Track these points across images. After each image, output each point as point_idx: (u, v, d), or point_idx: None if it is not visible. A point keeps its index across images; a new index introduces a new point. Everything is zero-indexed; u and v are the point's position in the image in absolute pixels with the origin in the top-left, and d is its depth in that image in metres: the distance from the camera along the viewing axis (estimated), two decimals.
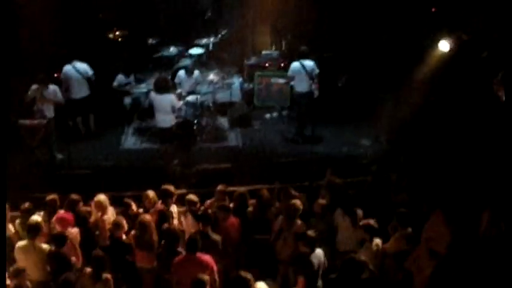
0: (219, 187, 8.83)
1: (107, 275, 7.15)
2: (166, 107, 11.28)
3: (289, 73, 12.30)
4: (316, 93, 12.09)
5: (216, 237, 7.79)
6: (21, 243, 7.73)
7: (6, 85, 11.65)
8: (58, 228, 8.11)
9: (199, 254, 7.19)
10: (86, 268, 7.44)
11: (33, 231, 7.66)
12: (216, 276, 7.22)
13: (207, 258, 7.21)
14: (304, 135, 12.34)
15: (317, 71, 12.05)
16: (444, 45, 10.60)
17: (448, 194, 8.52)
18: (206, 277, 6.65)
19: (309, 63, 12.03)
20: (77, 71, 11.97)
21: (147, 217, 8.00)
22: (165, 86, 11.44)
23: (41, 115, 11.11)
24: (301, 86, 12.12)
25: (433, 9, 11.05)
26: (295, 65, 12.08)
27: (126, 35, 14.46)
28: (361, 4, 12.31)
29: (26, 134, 10.99)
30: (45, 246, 7.72)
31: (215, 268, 7.22)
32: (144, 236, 7.85)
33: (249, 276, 6.45)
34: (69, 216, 8.30)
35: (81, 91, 12.05)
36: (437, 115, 10.77)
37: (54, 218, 8.32)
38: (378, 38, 12.11)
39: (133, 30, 14.64)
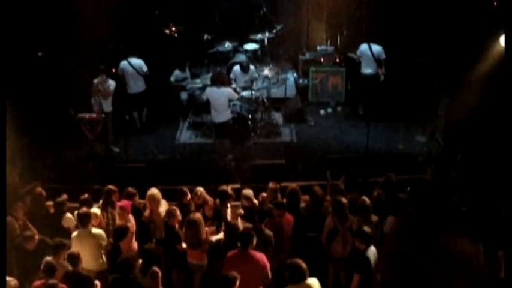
0: (270, 185, 8.79)
1: (156, 269, 7.21)
2: (223, 102, 11.27)
3: (357, 53, 12.66)
4: (382, 77, 12.35)
5: (269, 233, 7.77)
6: (75, 232, 7.92)
7: (66, 79, 11.99)
8: (119, 216, 8.25)
9: (251, 250, 7.16)
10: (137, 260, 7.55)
11: (83, 219, 7.84)
12: (269, 273, 7.18)
13: (259, 255, 7.17)
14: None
15: (384, 56, 12.30)
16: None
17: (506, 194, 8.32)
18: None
19: (376, 47, 12.30)
20: (132, 66, 12.16)
21: (197, 215, 8.01)
22: (221, 80, 11.48)
23: (99, 109, 11.34)
24: (368, 68, 12.47)
25: (495, 3, 10.70)
26: (363, 46, 12.46)
27: (181, 31, 14.59)
28: (424, 4, 12.08)
29: (84, 127, 11.23)
30: (98, 231, 7.90)
31: (267, 265, 7.18)
32: (193, 234, 7.84)
33: (304, 266, 6.44)
34: (129, 204, 8.48)
35: (137, 86, 12.26)
36: (495, 113, 10.46)
37: (116, 206, 8.48)
38: (436, 33, 11.84)
39: (189, 26, 14.75)
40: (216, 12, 15.36)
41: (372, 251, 7.32)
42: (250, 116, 11.99)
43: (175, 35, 14.51)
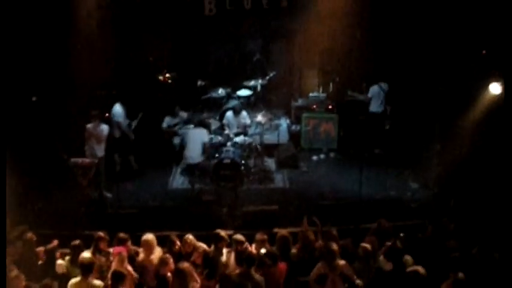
0: (258, 236, 8.74)
1: None
2: (199, 143, 11.70)
3: (369, 95, 13.04)
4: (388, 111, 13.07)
5: (259, 278, 7.70)
6: (74, 280, 7.79)
7: (59, 124, 12.02)
8: (117, 263, 8.18)
9: None
10: None
11: (86, 268, 7.74)
12: None
13: None
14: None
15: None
16: (495, 88, 10.43)
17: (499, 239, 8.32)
18: None
19: (385, 85, 12.89)
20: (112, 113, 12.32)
21: (185, 264, 7.93)
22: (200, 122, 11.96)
23: (92, 154, 11.34)
24: (377, 106, 12.99)
25: (483, 52, 10.89)
26: (375, 88, 12.95)
27: (175, 77, 14.72)
28: (409, 49, 12.28)
29: (77, 173, 11.20)
30: (98, 283, 7.78)
31: None
32: (180, 284, 7.69)
33: None
34: (126, 250, 8.40)
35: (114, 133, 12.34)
36: (488, 159, 10.53)
37: (106, 253, 8.39)
38: (427, 82, 12.01)
39: (183, 72, 14.90)
40: (210, 58, 15.54)
41: None
42: (243, 161, 12.00)
43: (169, 81, 14.63)
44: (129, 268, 8.19)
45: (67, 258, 8.51)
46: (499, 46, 10.15)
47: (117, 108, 12.32)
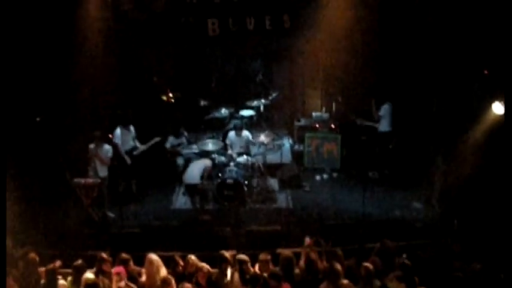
0: (262, 256, 8.71)
1: None
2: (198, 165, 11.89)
3: (380, 113, 12.99)
4: None
5: None
6: None
7: (63, 144, 12.04)
8: (115, 282, 8.14)
9: None
10: None
11: None
12: None
13: None
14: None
15: None
16: (498, 108, 10.44)
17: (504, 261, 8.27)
18: None
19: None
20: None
21: (186, 286, 7.88)
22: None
23: (95, 174, 11.35)
24: (387, 125, 12.98)
25: (486, 72, 10.92)
26: (386, 107, 12.92)
27: (179, 97, 14.77)
28: (411, 69, 12.33)
29: (80, 193, 11.21)
30: None
31: None
32: None
33: None
34: (124, 271, 8.37)
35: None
36: (491, 179, 10.51)
37: (108, 274, 8.37)
38: (430, 101, 12.04)
39: (186, 92, 14.95)
40: (213, 78, 15.61)
41: None
42: (246, 181, 12.00)
43: (173, 101, 14.68)
44: (131, 286, 8.17)
45: (69, 279, 8.47)
46: (501, 66, 10.16)
47: (117, 131, 12.22)
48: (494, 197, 10.13)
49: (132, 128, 12.35)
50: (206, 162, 12.04)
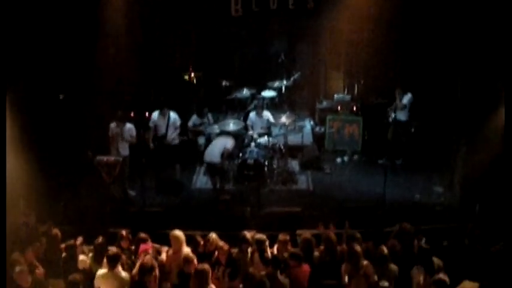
0: (281, 236, 8.75)
1: None
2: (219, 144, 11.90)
3: (404, 101, 12.68)
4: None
5: (284, 280, 7.71)
6: (101, 272, 7.95)
7: (85, 122, 12.15)
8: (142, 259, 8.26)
9: None
10: None
11: (113, 260, 7.88)
12: None
13: None
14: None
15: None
16: None
17: None
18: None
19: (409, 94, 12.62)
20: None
21: (205, 266, 7.94)
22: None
23: (116, 153, 11.44)
24: (406, 115, 12.77)
25: None
26: (409, 96, 12.67)
27: (200, 77, 14.78)
28: (436, 49, 12.16)
29: (102, 170, 11.31)
30: (124, 274, 7.90)
31: None
32: (199, 284, 7.68)
33: None
34: (150, 248, 8.54)
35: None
36: None
37: (139, 251, 8.53)
38: (455, 83, 11.90)
39: (208, 72, 14.96)
40: (235, 59, 15.58)
41: None
42: (266, 162, 12.02)
43: (195, 80, 14.70)
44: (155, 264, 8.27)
45: (90, 255, 8.61)
46: None
47: (154, 115, 12.15)
48: None
49: (172, 113, 12.18)
50: (228, 141, 12.07)
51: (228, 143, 12.04)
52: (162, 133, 12.05)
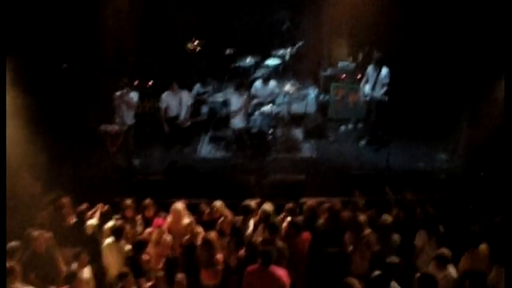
0: (288, 205, 8.78)
1: (181, 276, 7.39)
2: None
3: (385, 79, 12.08)
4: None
5: (282, 245, 7.78)
6: (107, 241, 8.14)
7: (89, 91, 12.12)
8: (155, 235, 8.37)
9: (273, 267, 7.18)
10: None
11: (117, 233, 8.10)
12: None
13: (280, 272, 7.19)
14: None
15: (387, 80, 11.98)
16: None
17: None
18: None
19: (384, 70, 12.01)
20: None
21: (211, 235, 8.01)
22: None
23: (121, 121, 11.43)
24: (382, 92, 12.06)
25: None
26: (387, 71, 12.05)
27: (204, 45, 14.68)
28: (444, 19, 12.04)
29: (106, 140, 11.32)
30: (128, 247, 8.07)
31: (288, 283, 7.18)
32: (207, 254, 7.83)
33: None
34: (164, 223, 8.62)
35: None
36: None
37: (153, 225, 8.65)
38: (460, 50, 11.80)
39: (211, 41, 14.85)
40: (238, 27, 15.46)
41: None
42: (270, 131, 12.01)
43: (197, 49, 14.60)
44: (168, 239, 8.34)
45: (95, 223, 8.70)
46: None
47: (163, 96, 12.00)
48: None
49: (184, 94, 12.09)
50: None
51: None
52: (174, 114, 11.89)
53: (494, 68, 10.82)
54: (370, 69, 12.23)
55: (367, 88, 12.19)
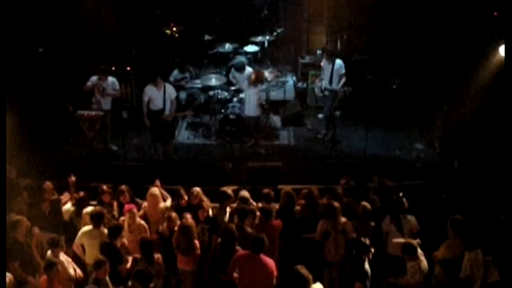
0: (263, 191, 8.82)
1: (158, 256, 7.55)
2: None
3: (342, 70, 11.92)
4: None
5: (250, 231, 7.85)
6: (85, 228, 8.08)
7: (66, 76, 11.99)
8: (127, 219, 8.37)
9: (263, 256, 7.24)
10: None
11: (96, 219, 8.01)
12: (274, 281, 7.25)
13: (269, 261, 7.26)
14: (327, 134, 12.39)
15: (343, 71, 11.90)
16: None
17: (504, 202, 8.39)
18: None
19: (338, 61, 11.93)
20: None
21: (189, 221, 8.06)
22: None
23: (98, 107, 11.35)
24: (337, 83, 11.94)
25: (495, 13, 10.74)
26: (341, 63, 11.93)
27: (182, 31, 14.61)
28: (420, 7, 12.11)
29: (83, 125, 11.24)
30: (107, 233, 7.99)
31: (275, 272, 7.25)
32: (185, 240, 7.86)
33: (307, 273, 6.40)
34: (136, 208, 8.62)
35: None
36: (493, 121, 10.51)
37: (124, 210, 8.64)
38: (436, 42, 11.89)
39: (190, 26, 14.77)
40: (217, 13, 15.40)
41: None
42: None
43: (176, 35, 14.52)
44: (142, 223, 8.34)
45: (71, 209, 8.65)
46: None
47: (146, 88, 11.16)
48: (496, 138, 10.17)
49: (169, 87, 11.27)
50: (258, 93, 11.67)
51: (260, 95, 11.83)
52: (158, 107, 11.12)
53: (470, 61, 10.93)
54: (324, 63, 12.13)
55: (323, 83, 12.10)
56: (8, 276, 7.02)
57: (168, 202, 8.80)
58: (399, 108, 12.66)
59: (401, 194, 8.86)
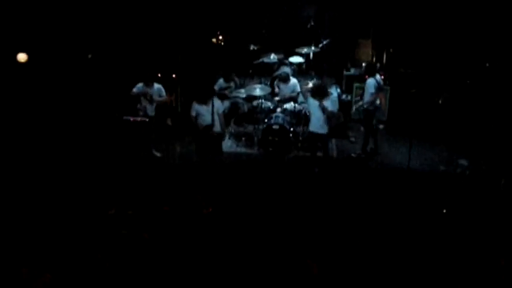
0: None
1: None
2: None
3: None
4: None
5: None
6: None
7: (113, 82, 12.21)
8: None
9: None
10: None
11: None
12: None
13: None
14: (366, 150, 12.27)
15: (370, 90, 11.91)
16: None
17: None
18: None
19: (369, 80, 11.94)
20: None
21: None
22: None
23: (143, 113, 11.50)
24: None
25: None
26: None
27: (228, 40, 14.73)
28: (468, 22, 11.98)
29: (128, 130, 11.38)
30: None
31: None
32: None
33: None
34: None
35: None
36: None
37: None
38: (483, 58, 11.75)
39: (236, 36, 14.90)
40: (264, 23, 15.49)
41: None
42: (292, 128, 12.03)
43: (222, 44, 14.66)
44: None
45: None
46: None
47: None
48: None
49: (216, 102, 10.89)
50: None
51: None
52: (207, 123, 10.81)
53: None
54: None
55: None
56: None
57: None
58: (445, 123, 12.51)
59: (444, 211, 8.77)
